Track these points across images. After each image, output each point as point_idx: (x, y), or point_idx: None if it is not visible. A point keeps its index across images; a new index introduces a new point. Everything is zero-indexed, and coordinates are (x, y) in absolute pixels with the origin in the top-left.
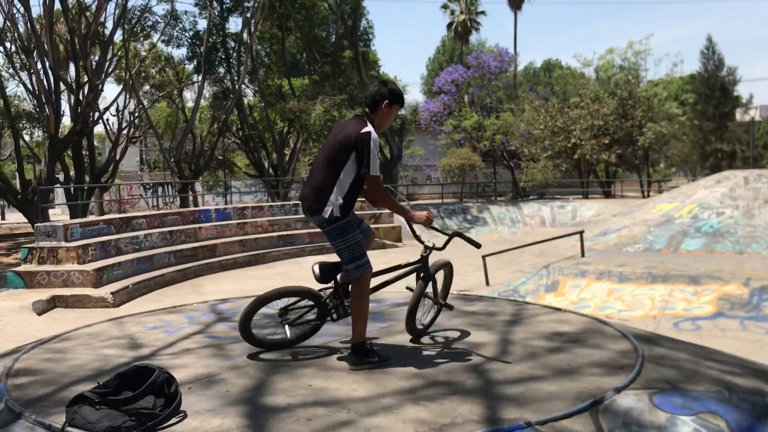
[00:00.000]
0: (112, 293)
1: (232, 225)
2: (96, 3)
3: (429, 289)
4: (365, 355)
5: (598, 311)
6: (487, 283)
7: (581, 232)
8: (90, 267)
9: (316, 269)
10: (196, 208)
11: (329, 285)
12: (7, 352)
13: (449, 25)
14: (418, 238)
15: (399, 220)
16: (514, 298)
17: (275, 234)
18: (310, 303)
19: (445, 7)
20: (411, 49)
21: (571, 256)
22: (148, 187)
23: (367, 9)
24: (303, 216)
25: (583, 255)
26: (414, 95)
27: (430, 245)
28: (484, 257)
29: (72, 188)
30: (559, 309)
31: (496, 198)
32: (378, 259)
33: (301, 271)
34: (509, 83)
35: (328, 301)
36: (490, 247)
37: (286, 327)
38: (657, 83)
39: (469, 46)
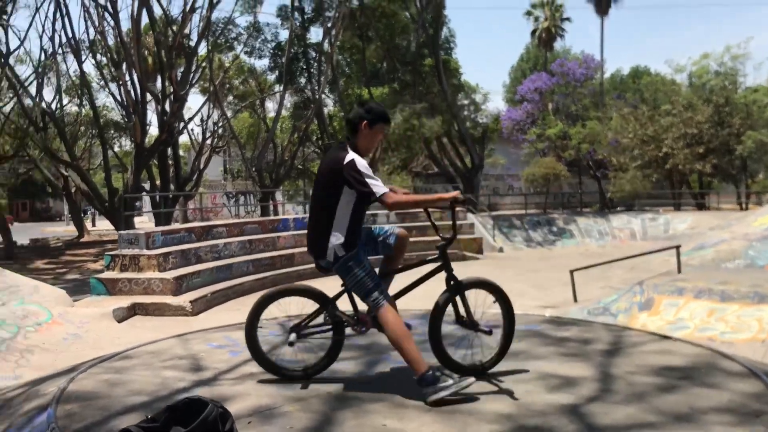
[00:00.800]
0: (190, 302)
1: None
2: (181, 15)
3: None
4: (435, 384)
5: (698, 333)
6: (575, 300)
7: (677, 247)
8: (170, 275)
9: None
10: (275, 217)
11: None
12: (67, 369)
13: (533, 32)
14: (434, 226)
15: (480, 230)
16: (604, 316)
17: None
18: (320, 310)
19: (528, 13)
20: (493, 57)
21: (665, 272)
22: (231, 196)
23: (449, 17)
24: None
25: (679, 271)
26: (496, 103)
27: (448, 235)
28: (572, 272)
29: (157, 196)
30: (667, 337)
31: (581, 209)
32: (457, 271)
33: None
34: (595, 90)
35: (336, 308)
36: (577, 260)
37: (296, 347)
38: (757, 89)
39: (553, 53)
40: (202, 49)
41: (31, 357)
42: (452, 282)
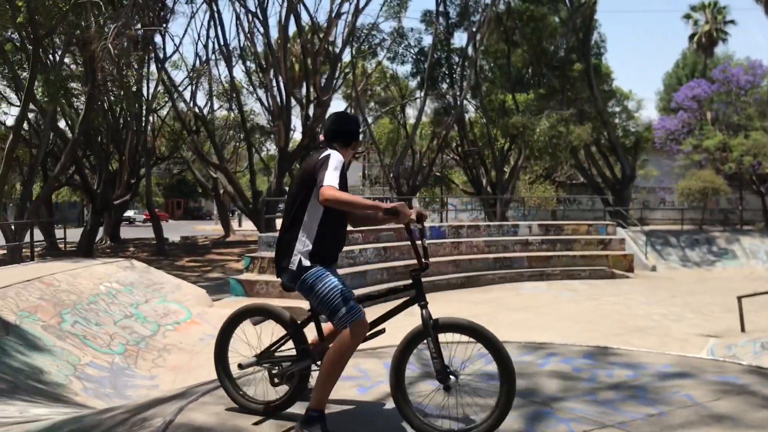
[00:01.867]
0: None
1: (446, 244)
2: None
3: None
4: (319, 428)
5: None
6: (743, 329)
7: None
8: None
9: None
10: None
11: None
12: (179, 393)
13: (691, 37)
14: (415, 246)
15: (631, 247)
16: None
17: (491, 255)
18: (287, 336)
19: (687, 17)
20: (645, 63)
21: None
22: None
23: (599, 21)
24: (521, 237)
25: None
26: (648, 112)
27: (426, 261)
28: (739, 298)
29: None
30: None
31: (742, 227)
32: (605, 290)
33: (518, 298)
34: (762, 99)
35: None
36: (741, 284)
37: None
38: None
39: (713, 59)
40: (346, 56)
41: (167, 356)
42: (431, 320)
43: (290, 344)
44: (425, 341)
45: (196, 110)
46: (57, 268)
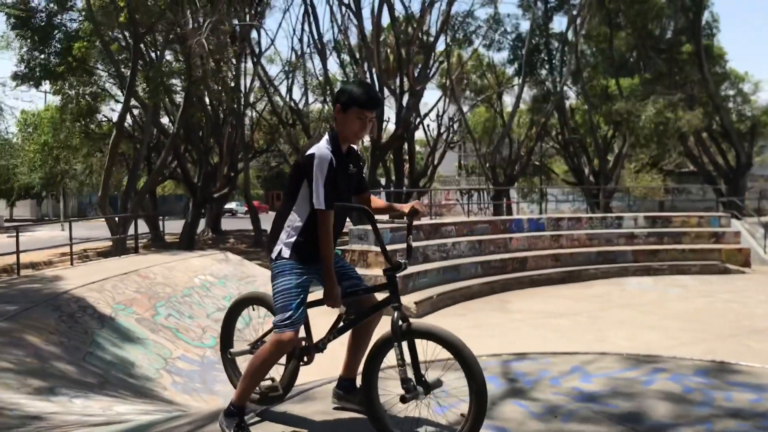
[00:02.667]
0: (415, 303)
1: (545, 237)
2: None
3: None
4: (230, 423)
5: None
6: None
7: None
8: (397, 273)
9: None
10: (508, 217)
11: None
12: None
13: None
14: (383, 247)
15: (747, 240)
16: None
17: (593, 249)
18: None
19: None
20: (764, 42)
21: None
22: (464, 192)
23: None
24: (626, 230)
25: None
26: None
27: (402, 260)
28: None
29: (392, 191)
30: None
31: None
32: (718, 286)
33: (622, 295)
34: None
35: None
36: None
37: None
38: None
39: None
40: (441, 44)
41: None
42: (400, 322)
43: None
44: (394, 346)
45: (292, 104)
46: (154, 261)
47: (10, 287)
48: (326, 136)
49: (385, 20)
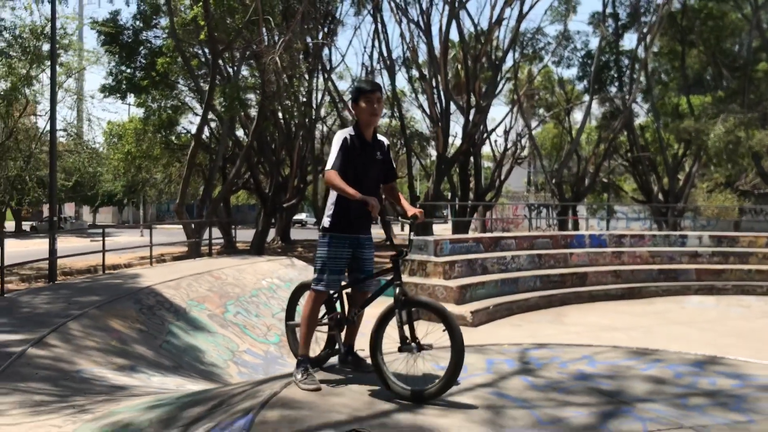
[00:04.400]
0: (471, 312)
1: (606, 253)
2: (487, 25)
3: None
4: (298, 371)
5: None
6: None
7: None
8: (454, 283)
9: None
10: (569, 233)
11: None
12: (283, 375)
13: None
14: (390, 239)
15: None
16: None
17: (655, 267)
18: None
19: None
20: None
21: None
22: (533, 207)
23: None
24: (690, 249)
25: None
26: None
27: (405, 249)
28: None
29: (456, 205)
30: None
31: None
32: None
33: (681, 312)
34: None
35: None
36: None
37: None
38: None
39: None
40: (509, 61)
41: (316, 348)
42: (402, 297)
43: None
44: (395, 313)
45: None
46: (226, 263)
47: (95, 281)
48: (350, 127)
49: (454, 36)
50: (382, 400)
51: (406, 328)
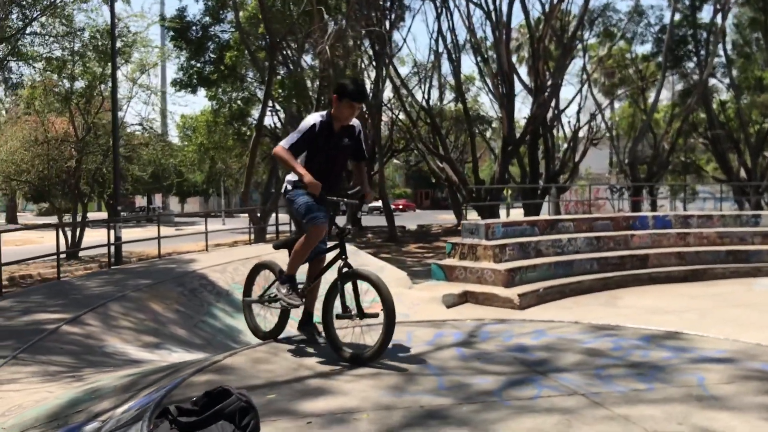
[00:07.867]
0: (519, 295)
1: (671, 234)
2: (548, 5)
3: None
4: (281, 288)
5: None
6: None
7: None
8: (503, 267)
9: None
10: (632, 214)
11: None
12: (253, 345)
13: None
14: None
15: None
16: None
17: (723, 248)
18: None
19: None
20: None
21: None
22: (615, 189)
23: None
24: (763, 229)
25: None
26: None
27: (345, 225)
28: None
29: (527, 186)
30: None
31: None
32: None
33: (746, 295)
34: None
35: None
36: None
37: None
38: None
39: None
40: (580, 40)
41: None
42: (345, 269)
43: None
44: (346, 287)
45: (424, 104)
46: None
47: (151, 266)
48: (326, 111)
49: (520, 17)
50: (306, 369)
51: (347, 297)
